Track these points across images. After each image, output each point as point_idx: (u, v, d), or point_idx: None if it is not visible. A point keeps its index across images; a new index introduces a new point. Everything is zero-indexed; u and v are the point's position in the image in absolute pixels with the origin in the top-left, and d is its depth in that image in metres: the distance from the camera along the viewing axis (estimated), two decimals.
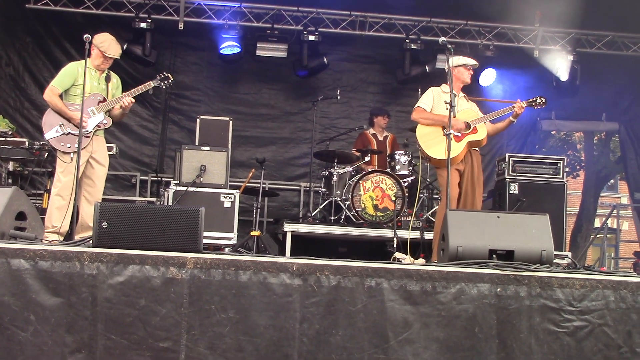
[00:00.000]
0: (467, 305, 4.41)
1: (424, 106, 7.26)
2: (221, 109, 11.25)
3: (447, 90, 7.00)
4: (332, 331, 4.29)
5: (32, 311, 4.12)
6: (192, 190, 8.54)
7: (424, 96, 7.38)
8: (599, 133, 17.48)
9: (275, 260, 4.39)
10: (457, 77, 7.19)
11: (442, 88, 7.33)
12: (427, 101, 7.28)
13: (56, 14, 10.47)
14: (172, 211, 4.75)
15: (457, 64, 7.20)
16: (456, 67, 7.19)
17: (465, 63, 7.25)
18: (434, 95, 7.31)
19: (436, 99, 7.26)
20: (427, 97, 7.34)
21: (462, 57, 7.35)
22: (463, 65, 7.24)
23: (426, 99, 7.31)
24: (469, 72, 7.30)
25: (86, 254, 4.23)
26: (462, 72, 7.25)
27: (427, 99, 7.30)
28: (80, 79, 6.70)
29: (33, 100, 10.81)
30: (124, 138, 11.01)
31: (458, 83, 7.23)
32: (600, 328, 4.45)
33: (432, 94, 7.33)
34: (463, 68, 7.25)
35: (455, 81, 7.12)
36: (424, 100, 7.31)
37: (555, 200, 9.21)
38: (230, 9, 10.51)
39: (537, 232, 5.08)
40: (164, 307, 4.20)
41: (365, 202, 9.01)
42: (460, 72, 7.24)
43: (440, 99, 7.22)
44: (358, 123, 11.00)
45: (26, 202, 5.14)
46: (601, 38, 10.95)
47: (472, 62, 7.31)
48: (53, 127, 6.83)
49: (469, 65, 7.27)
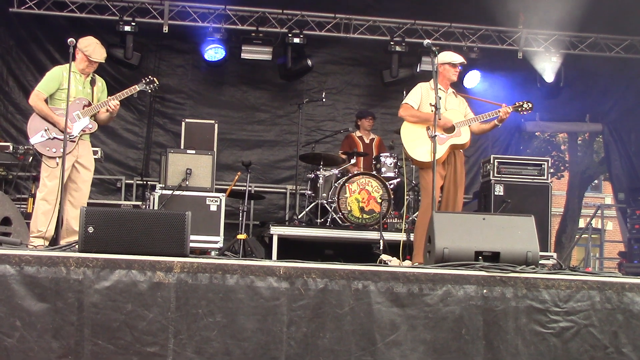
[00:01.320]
0: (453, 307, 4.42)
1: (411, 103, 7.20)
2: (206, 112, 11.21)
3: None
4: (319, 334, 4.30)
5: (18, 317, 4.10)
6: (177, 194, 8.52)
7: (411, 92, 7.31)
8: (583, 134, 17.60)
9: (262, 263, 4.39)
10: (443, 74, 7.13)
11: (431, 84, 7.18)
12: (414, 98, 7.22)
13: (40, 18, 10.43)
14: (159, 215, 4.75)
15: (442, 61, 7.11)
16: (442, 65, 7.13)
17: (450, 61, 7.17)
18: (422, 91, 7.23)
19: (424, 95, 7.18)
20: (414, 93, 7.27)
21: (449, 53, 7.28)
22: (449, 62, 7.18)
23: (414, 96, 7.24)
24: (455, 69, 7.22)
25: (72, 259, 4.21)
26: (448, 69, 7.18)
27: (415, 96, 7.23)
28: (66, 83, 6.65)
29: (17, 104, 10.74)
30: (109, 142, 10.95)
31: (445, 80, 7.21)
32: (587, 329, 4.48)
33: (420, 91, 7.25)
34: (449, 66, 7.17)
35: (442, 79, 7.09)
36: (412, 97, 7.25)
37: (540, 201, 9.25)
38: (214, 11, 10.50)
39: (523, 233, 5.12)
40: (151, 311, 4.19)
41: (352, 204, 9.02)
42: (446, 69, 7.17)
43: (428, 95, 7.13)
44: (344, 125, 11.02)
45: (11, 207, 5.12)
46: (584, 40, 11.02)
47: (459, 60, 7.23)
48: (38, 131, 6.79)
49: (456, 63, 7.23)
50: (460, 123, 7.12)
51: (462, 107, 7.35)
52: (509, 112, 7.14)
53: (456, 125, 7.09)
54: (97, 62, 6.98)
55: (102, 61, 7.04)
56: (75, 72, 6.91)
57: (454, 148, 7.13)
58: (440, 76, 7.00)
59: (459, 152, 7.27)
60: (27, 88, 10.65)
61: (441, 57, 7.11)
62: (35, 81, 10.34)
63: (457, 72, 7.31)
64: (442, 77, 7.07)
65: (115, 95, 6.97)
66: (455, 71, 7.26)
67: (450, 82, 7.30)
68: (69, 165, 6.76)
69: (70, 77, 6.62)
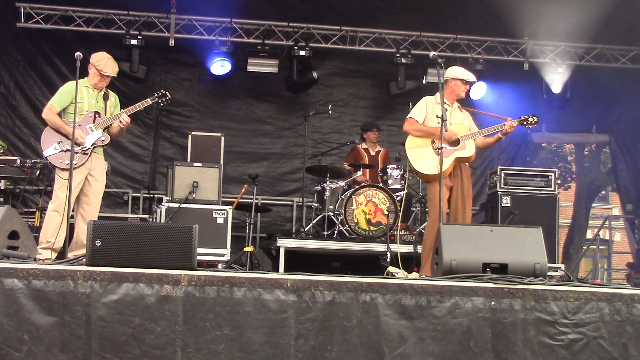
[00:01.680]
0: (461, 319, 4.41)
1: (416, 117, 7.20)
2: (213, 125, 11.23)
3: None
4: (327, 347, 4.29)
5: (25, 331, 4.10)
6: (184, 207, 8.52)
7: (416, 106, 7.30)
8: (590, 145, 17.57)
9: (269, 276, 4.38)
10: (452, 88, 7.14)
11: (436, 98, 7.21)
12: (419, 112, 7.21)
13: (47, 32, 10.48)
14: (166, 229, 4.75)
15: (454, 76, 7.12)
16: (453, 80, 7.14)
17: (464, 78, 7.18)
18: (427, 105, 7.23)
19: (429, 109, 7.19)
20: (419, 107, 7.26)
21: (462, 70, 7.28)
22: (462, 79, 7.18)
23: (419, 110, 7.24)
24: (465, 87, 7.23)
25: (80, 272, 4.21)
26: (458, 85, 7.18)
27: (420, 110, 7.23)
28: (78, 97, 6.73)
29: (24, 118, 10.78)
30: (116, 155, 10.97)
31: (452, 95, 7.20)
32: (596, 341, 4.46)
33: (425, 105, 7.25)
34: (461, 82, 7.18)
35: (450, 93, 7.09)
36: (417, 110, 7.25)
37: (547, 213, 9.23)
38: (220, 25, 10.54)
39: (531, 245, 5.10)
40: (159, 325, 4.19)
41: (358, 216, 9.01)
42: (457, 85, 7.17)
43: (433, 109, 7.14)
44: (350, 138, 11.04)
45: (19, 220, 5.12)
46: (591, 50, 11.02)
47: (471, 78, 7.24)
48: (51, 144, 6.89)
49: (468, 81, 7.22)
50: (465, 136, 7.11)
51: (466, 122, 7.34)
52: (514, 127, 7.11)
53: (461, 138, 7.07)
54: (109, 76, 7.08)
55: (114, 75, 7.13)
56: (88, 86, 7.07)
57: (459, 161, 7.12)
58: (448, 89, 7.00)
59: (465, 165, 7.26)
60: (34, 102, 10.73)
61: (453, 71, 7.13)
62: (43, 95, 10.52)
63: (467, 90, 7.32)
64: (450, 91, 7.07)
65: (127, 109, 7.08)
66: (466, 88, 7.26)
67: (457, 98, 7.29)
68: (82, 178, 6.87)
69: (83, 92, 6.88)
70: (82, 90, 6.95)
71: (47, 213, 6.88)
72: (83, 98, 6.97)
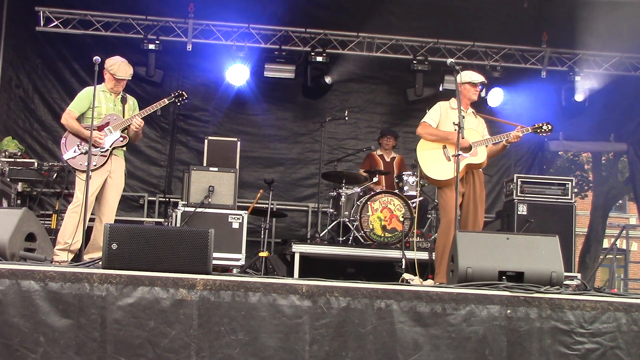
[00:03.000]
0: (477, 327, 4.38)
1: (430, 122, 7.16)
2: (229, 130, 11.27)
3: (455, 106, 6.94)
4: (341, 353, 4.27)
5: (41, 332, 4.12)
6: (200, 211, 8.54)
7: (431, 111, 7.26)
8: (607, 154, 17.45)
9: (284, 281, 4.38)
10: (463, 94, 7.09)
11: (451, 103, 7.19)
12: (433, 117, 7.17)
13: (66, 36, 10.55)
14: (182, 232, 4.76)
15: (463, 81, 7.09)
16: (462, 84, 7.10)
17: (470, 80, 7.12)
18: (441, 110, 7.19)
19: (443, 114, 7.15)
20: (434, 112, 7.22)
21: (469, 73, 7.23)
22: (469, 82, 7.13)
23: (433, 114, 7.20)
24: (475, 89, 7.18)
25: (96, 275, 4.23)
26: (468, 89, 7.13)
27: (434, 114, 7.19)
28: (96, 102, 6.82)
29: (42, 121, 10.87)
30: (132, 158, 11.01)
31: (465, 100, 7.16)
32: (612, 351, 4.42)
33: (439, 110, 7.20)
34: (469, 85, 7.11)
35: (462, 98, 7.03)
36: (431, 115, 7.21)
37: (563, 221, 9.19)
38: (238, 30, 10.58)
39: (547, 253, 5.06)
40: (174, 328, 4.19)
41: (374, 222, 9.00)
42: (466, 89, 7.12)
43: (447, 114, 7.11)
44: (366, 144, 11.03)
45: (36, 223, 5.15)
46: (609, 59, 10.97)
47: (479, 79, 7.18)
48: (71, 148, 6.99)
49: (476, 83, 7.19)
50: (477, 143, 7.06)
51: (480, 128, 7.29)
52: (520, 136, 7.05)
53: (473, 144, 7.03)
54: (123, 79, 7.13)
55: (127, 78, 7.18)
56: (105, 91, 7.16)
57: (470, 167, 7.05)
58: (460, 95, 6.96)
59: (478, 172, 7.20)
60: (52, 106, 10.81)
61: (462, 76, 7.09)
62: (61, 99, 10.60)
63: (478, 92, 7.27)
64: (462, 97, 7.02)
65: (144, 110, 7.14)
66: (476, 90, 7.21)
67: (470, 102, 7.26)
68: (102, 180, 6.98)
69: (101, 96, 7.00)
70: (99, 95, 7.03)
71: (67, 214, 6.96)
72: (101, 102, 7.06)
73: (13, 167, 8.84)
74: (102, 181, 7.00)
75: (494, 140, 7.11)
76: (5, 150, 9.27)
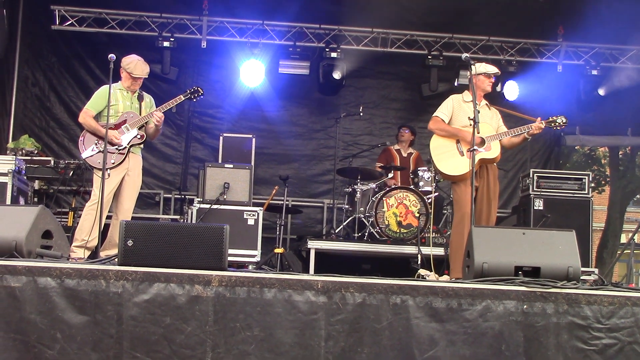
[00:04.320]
0: (493, 323, 4.36)
1: (442, 116, 7.08)
2: (244, 127, 11.26)
3: (468, 99, 6.87)
4: (357, 349, 4.27)
5: (58, 329, 4.15)
6: (215, 208, 8.56)
7: (443, 105, 7.19)
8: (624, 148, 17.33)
9: (300, 277, 4.38)
10: (477, 85, 6.95)
11: (464, 96, 7.12)
12: (445, 111, 7.11)
13: (81, 35, 10.62)
14: (197, 229, 4.76)
15: (477, 72, 6.98)
16: (476, 76, 7.00)
17: (485, 71, 7.04)
18: (453, 104, 7.12)
19: (456, 108, 7.08)
20: (446, 106, 7.15)
21: (483, 64, 7.14)
22: (483, 73, 7.04)
23: (445, 109, 7.13)
24: (489, 80, 7.08)
25: (112, 272, 4.25)
26: (482, 80, 7.04)
27: (446, 109, 7.12)
28: (113, 100, 6.85)
29: (58, 119, 10.93)
30: (148, 156, 11.03)
31: (479, 91, 7.07)
32: (630, 346, 4.38)
33: (452, 103, 7.13)
34: (483, 76, 7.03)
35: (476, 90, 6.93)
36: (443, 109, 7.13)
37: (580, 216, 9.13)
38: (252, 26, 10.59)
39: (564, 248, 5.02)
40: (189, 325, 4.20)
41: (389, 218, 8.98)
42: (480, 80, 7.02)
43: (460, 108, 7.05)
44: (381, 139, 11.00)
45: (52, 220, 5.17)
46: (625, 52, 10.88)
47: (493, 71, 7.09)
48: (89, 146, 7.04)
49: (490, 74, 7.10)
50: (490, 137, 6.97)
51: (494, 120, 7.19)
52: (541, 128, 6.96)
53: (486, 139, 6.94)
54: (139, 78, 7.16)
55: (144, 77, 7.21)
56: (122, 89, 7.21)
57: (483, 162, 6.96)
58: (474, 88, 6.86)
59: (493, 166, 7.11)
60: (68, 104, 10.86)
61: (475, 68, 6.99)
62: (77, 97, 10.66)
63: (492, 83, 7.19)
64: (476, 88, 6.91)
65: (161, 107, 7.17)
66: (490, 82, 7.12)
67: (484, 94, 7.19)
68: (120, 178, 7.04)
69: (117, 94, 7.08)
70: (116, 93, 7.08)
71: (84, 211, 7.00)
72: (118, 100, 7.10)
73: (30, 165, 8.91)
74: (120, 179, 7.04)
75: (511, 133, 7.01)
76: (22, 149, 9.34)
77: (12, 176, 8.06)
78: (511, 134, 7.00)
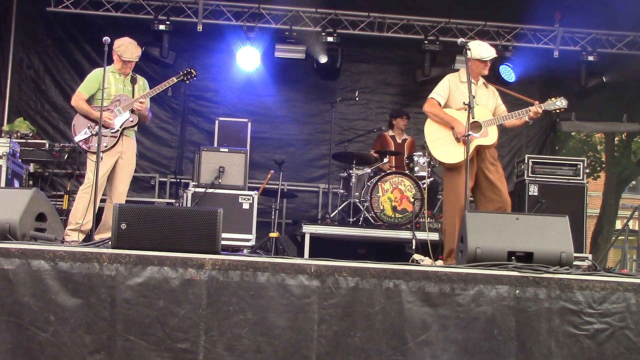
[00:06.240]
0: (485, 307, 4.37)
1: (437, 98, 6.88)
2: (239, 111, 11.25)
3: (465, 80, 6.65)
4: (350, 333, 4.28)
5: (52, 312, 4.15)
6: (210, 192, 8.57)
7: (439, 85, 6.98)
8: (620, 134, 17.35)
9: (293, 261, 4.38)
10: (472, 69, 6.72)
11: (460, 76, 6.93)
12: (441, 92, 6.90)
13: (76, 17, 10.57)
14: (191, 212, 4.76)
15: (472, 57, 6.73)
16: (472, 61, 6.74)
17: (480, 57, 6.81)
18: (450, 84, 6.92)
19: (453, 89, 6.89)
20: (442, 87, 6.94)
21: (478, 48, 6.86)
22: (478, 59, 6.81)
23: (441, 90, 6.92)
24: (485, 65, 6.88)
25: (105, 255, 4.25)
26: (478, 64, 6.84)
27: (442, 90, 6.91)
28: (105, 83, 6.84)
29: (53, 102, 10.91)
30: (143, 140, 11.03)
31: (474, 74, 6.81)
32: (622, 331, 4.40)
33: (448, 84, 6.93)
34: (479, 62, 6.83)
35: (472, 72, 6.76)
36: (439, 90, 6.93)
37: (575, 202, 9.16)
38: (248, 10, 10.55)
39: (557, 233, 5.03)
40: (183, 308, 4.21)
41: (384, 203, 9.00)
42: (475, 64, 6.81)
43: (457, 89, 6.86)
44: (376, 124, 10.99)
45: (46, 203, 5.17)
46: (622, 38, 10.87)
47: (488, 56, 6.87)
48: (82, 129, 7.04)
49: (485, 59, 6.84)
50: (487, 122, 6.78)
51: (492, 100, 7.02)
52: (540, 112, 6.84)
53: (483, 124, 6.75)
54: (129, 61, 7.14)
55: (134, 60, 7.18)
56: (114, 72, 7.20)
57: (480, 148, 6.87)
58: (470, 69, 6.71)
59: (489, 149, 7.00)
60: (63, 87, 10.83)
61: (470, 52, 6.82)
62: (72, 80, 10.62)
63: (488, 66, 7.02)
64: (471, 71, 6.75)
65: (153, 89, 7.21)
66: (485, 66, 6.89)
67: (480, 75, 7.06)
68: (113, 161, 7.04)
69: (110, 77, 7.06)
70: (109, 76, 7.06)
71: (78, 195, 7.02)
72: (110, 83, 7.08)
73: (25, 148, 8.90)
74: (113, 162, 7.04)
75: (509, 117, 6.84)
76: (17, 131, 9.32)
77: (7, 159, 8.05)
78: (508, 119, 6.84)
